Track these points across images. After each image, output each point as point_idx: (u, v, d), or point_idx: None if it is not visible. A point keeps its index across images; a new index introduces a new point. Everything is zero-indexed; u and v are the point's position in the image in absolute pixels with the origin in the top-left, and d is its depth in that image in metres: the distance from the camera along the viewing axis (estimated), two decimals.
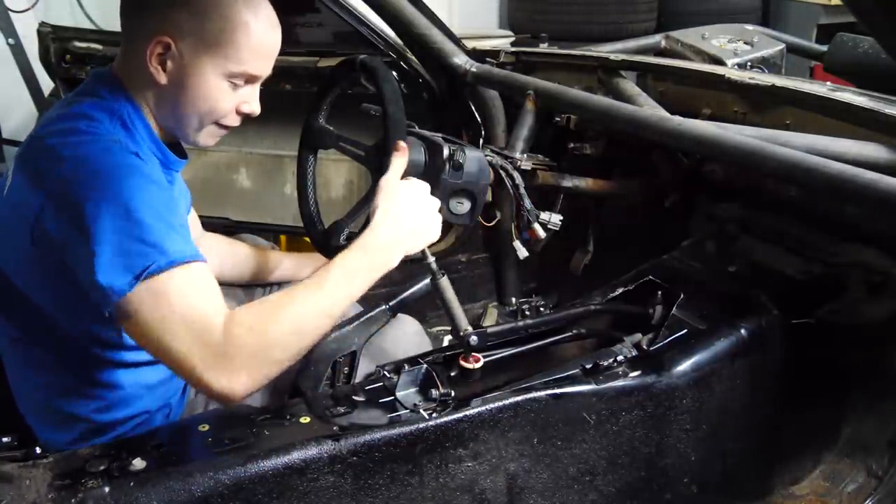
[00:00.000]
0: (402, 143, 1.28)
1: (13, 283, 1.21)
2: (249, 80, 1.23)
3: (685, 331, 1.32)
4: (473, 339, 1.24)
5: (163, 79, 1.19)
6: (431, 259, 1.30)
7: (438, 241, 1.34)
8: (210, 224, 2.03)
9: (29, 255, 1.15)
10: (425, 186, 1.29)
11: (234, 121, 1.27)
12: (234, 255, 1.65)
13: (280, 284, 1.73)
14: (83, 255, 1.04)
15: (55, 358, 1.24)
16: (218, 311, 1.07)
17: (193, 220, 1.54)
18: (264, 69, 1.24)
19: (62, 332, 1.21)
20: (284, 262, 1.72)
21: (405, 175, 1.30)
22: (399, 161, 1.28)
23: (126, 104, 1.21)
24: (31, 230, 1.11)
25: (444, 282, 1.28)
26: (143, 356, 1.29)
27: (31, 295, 1.19)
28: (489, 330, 1.30)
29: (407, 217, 1.24)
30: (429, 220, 1.27)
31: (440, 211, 1.39)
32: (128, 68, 1.22)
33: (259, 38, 1.20)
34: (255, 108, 1.26)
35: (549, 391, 1.19)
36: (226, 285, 1.53)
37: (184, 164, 1.33)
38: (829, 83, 1.74)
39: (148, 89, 1.21)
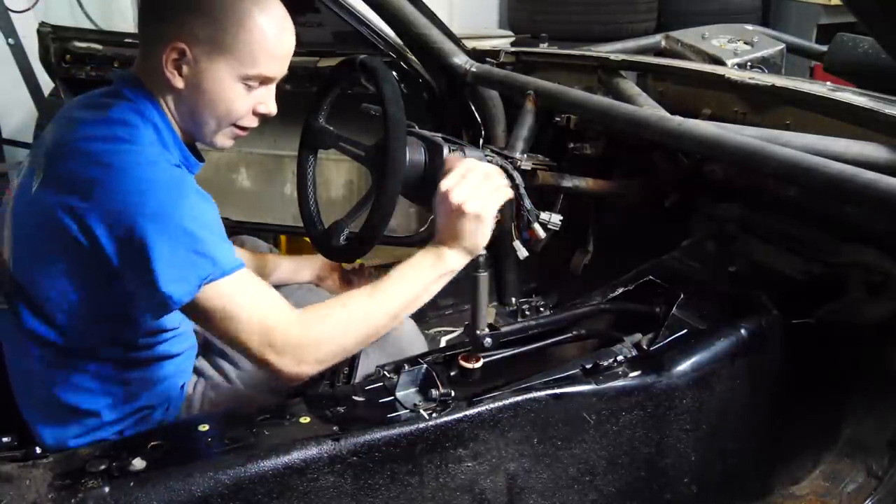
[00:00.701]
0: (453, 158, 1.32)
1: (23, 279, 1.22)
2: (264, 81, 1.25)
3: (685, 331, 1.32)
4: (487, 340, 1.25)
5: (179, 83, 1.21)
6: (483, 251, 1.30)
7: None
8: None
9: (50, 254, 1.17)
10: (464, 187, 1.26)
11: (252, 122, 1.29)
12: None
13: (278, 287, 1.73)
14: (139, 267, 1.09)
15: (62, 354, 1.25)
16: (280, 303, 1.18)
17: None
18: (279, 70, 1.26)
19: (70, 329, 1.22)
20: (283, 265, 1.73)
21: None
22: (455, 172, 1.28)
23: (151, 107, 1.23)
24: (63, 232, 1.13)
25: (484, 278, 1.29)
26: (149, 354, 1.31)
27: (42, 293, 1.20)
28: (503, 329, 1.30)
29: (456, 224, 1.26)
30: (477, 220, 1.26)
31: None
32: (146, 73, 1.24)
33: (272, 41, 1.22)
34: (271, 108, 1.29)
35: (549, 391, 1.19)
36: None
37: (200, 167, 1.35)
38: (829, 83, 1.74)
39: (167, 93, 1.24)
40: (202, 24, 1.18)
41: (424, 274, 1.27)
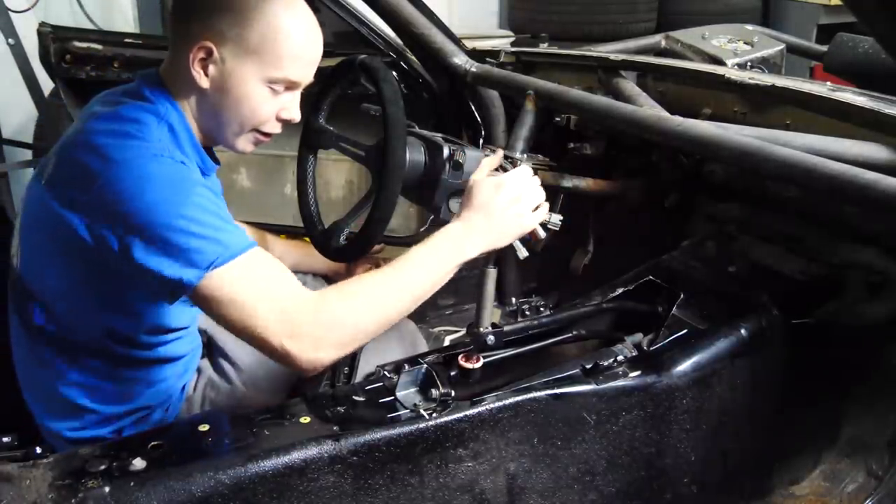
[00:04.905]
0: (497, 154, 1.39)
1: (29, 275, 1.23)
2: (290, 86, 1.25)
3: (685, 331, 1.32)
4: (490, 338, 1.25)
5: (205, 83, 1.20)
6: None
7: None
8: None
9: (53, 247, 1.17)
10: (517, 183, 1.31)
11: (275, 127, 1.28)
12: None
13: None
14: (144, 257, 1.08)
15: (64, 350, 1.25)
16: (296, 285, 1.14)
17: None
18: (305, 76, 1.25)
19: (72, 324, 1.23)
20: (292, 251, 1.73)
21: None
22: (488, 161, 1.37)
23: (170, 108, 1.22)
24: (65, 226, 1.13)
25: (492, 273, 1.29)
26: (152, 354, 1.31)
27: (46, 287, 1.21)
28: (505, 328, 1.30)
29: (496, 213, 1.27)
30: (518, 217, 1.30)
31: (439, 211, 1.39)
32: (172, 73, 1.24)
33: (299, 45, 1.21)
34: (294, 114, 1.28)
35: (550, 391, 1.19)
36: None
37: (216, 169, 1.35)
38: (829, 83, 1.74)
39: (191, 94, 1.23)
40: (230, 23, 1.18)
41: (444, 259, 1.23)
